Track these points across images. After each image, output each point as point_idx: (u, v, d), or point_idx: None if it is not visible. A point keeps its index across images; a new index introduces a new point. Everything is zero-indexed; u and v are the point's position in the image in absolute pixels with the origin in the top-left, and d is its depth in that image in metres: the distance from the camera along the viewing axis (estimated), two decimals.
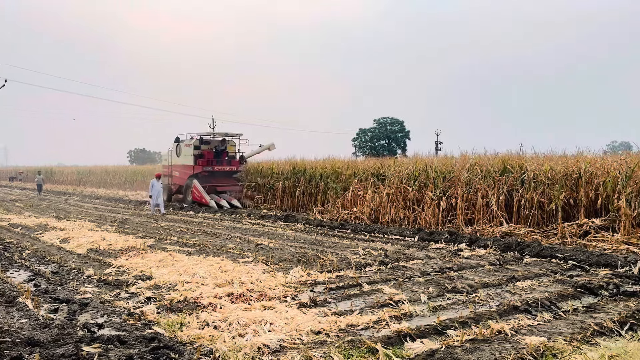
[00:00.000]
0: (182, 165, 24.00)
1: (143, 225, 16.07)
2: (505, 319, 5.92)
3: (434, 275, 8.43)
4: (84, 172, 50.28)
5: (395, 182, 15.94)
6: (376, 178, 17.01)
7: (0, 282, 7.80)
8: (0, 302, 6.63)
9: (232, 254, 10.30)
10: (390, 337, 5.19)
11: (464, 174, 14.50)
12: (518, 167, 14.06)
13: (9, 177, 67.19)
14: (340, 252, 10.50)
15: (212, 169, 23.08)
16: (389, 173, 16.65)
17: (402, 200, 15.59)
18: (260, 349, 4.87)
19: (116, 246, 11.34)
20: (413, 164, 16.47)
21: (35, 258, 10.15)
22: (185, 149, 23.85)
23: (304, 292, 7.25)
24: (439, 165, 15.67)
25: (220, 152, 23.96)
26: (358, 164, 19.69)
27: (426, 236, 12.75)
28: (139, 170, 41.87)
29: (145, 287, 7.55)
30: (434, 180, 15.04)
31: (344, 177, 18.47)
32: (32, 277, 8.41)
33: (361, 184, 17.29)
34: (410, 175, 15.85)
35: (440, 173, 15.17)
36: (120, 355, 4.65)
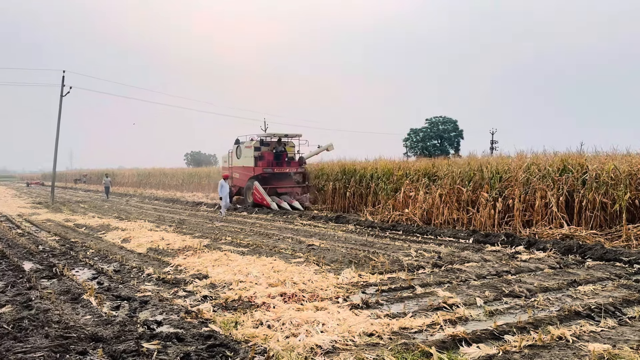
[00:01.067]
0: (242, 166, 24.15)
1: (199, 225, 16.55)
2: (566, 325, 5.69)
3: (490, 279, 8.21)
4: (143, 174, 52.35)
5: (448, 183, 15.63)
6: (428, 179, 16.76)
7: (66, 280, 8.25)
8: (66, 299, 6.99)
9: (284, 254, 10.42)
10: (444, 341, 5.10)
11: (521, 174, 14.02)
12: (579, 167, 13.46)
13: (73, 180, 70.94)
14: (392, 254, 10.40)
15: (272, 171, 22.98)
16: (441, 173, 16.35)
17: (456, 201, 15.26)
18: (313, 350, 4.90)
19: (174, 246, 11.74)
20: (467, 163, 16.10)
21: (99, 257, 10.65)
22: (245, 150, 23.97)
23: (356, 294, 7.24)
24: (494, 165, 15.23)
25: (280, 154, 23.82)
26: (409, 164, 19.45)
27: (481, 238, 12.42)
28: (195, 172, 43.13)
29: (201, 285, 7.77)
30: (490, 180, 14.63)
31: (395, 177, 18.30)
32: (96, 275, 8.83)
33: (413, 185, 17.07)
34: (465, 175, 15.49)
35: (496, 173, 14.74)
36: (178, 352, 4.80)
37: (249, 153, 23.52)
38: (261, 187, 22.25)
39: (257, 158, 23.27)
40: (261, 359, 4.70)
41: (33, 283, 7.86)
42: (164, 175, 46.90)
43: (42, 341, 4.99)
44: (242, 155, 24.17)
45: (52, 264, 9.60)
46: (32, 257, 10.55)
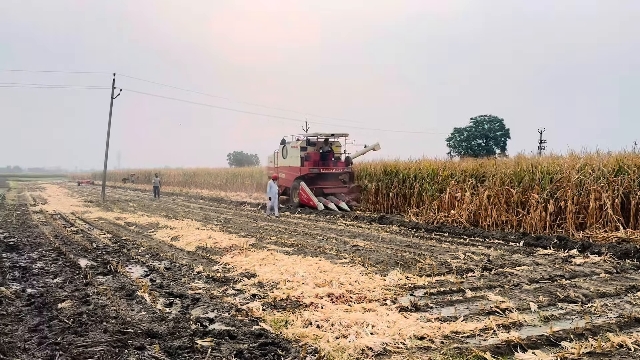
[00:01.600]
0: (288, 166, 23.97)
1: (244, 224, 16.79)
2: (626, 332, 5.46)
3: (543, 283, 7.95)
4: (188, 174, 53.60)
5: (496, 184, 15.25)
6: (475, 179, 16.40)
7: (121, 277, 8.53)
8: (122, 295, 7.23)
9: (329, 255, 10.43)
10: (499, 347, 4.97)
11: (574, 175, 13.52)
12: (635, 167, 12.85)
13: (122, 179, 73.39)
14: (439, 256, 10.23)
15: (318, 171, 22.70)
16: (489, 174, 15.96)
17: (505, 203, 14.87)
18: (363, 351, 4.88)
19: (221, 244, 11.95)
20: (516, 164, 15.66)
21: (150, 255, 10.97)
22: (291, 150, 23.79)
23: (404, 296, 7.16)
24: (545, 165, 14.74)
25: (326, 153, 23.50)
26: (455, 164, 19.08)
27: (532, 241, 12.05)
28: (238, 172, 43.81)
29: (250, 284, 7.88)
30: (540, 181, 14.18)
31: (440, 178, 17.99)
32: (148, 272, 9.09)
33: (459, 186, 16.74)
34: (514, 176, 15.07)
35: (547, 174, 14.27)
36: (231, 349, 4.88)
37: (295, 153, 23.37)
38: (307, 188, 22.07)
39: (304, 158, 23.06)
40: (312, 358, 4.71)
41: (89, 279, 8.17)
42: (208, 175, 47.85)
43: (101, 336, 5.17)
44: (288, 155, 24.05)
45: (106, 260, 9.96)
46: (87, 254, 10.98)
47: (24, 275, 8.61)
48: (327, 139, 23.81)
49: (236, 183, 40.82)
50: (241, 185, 39.57)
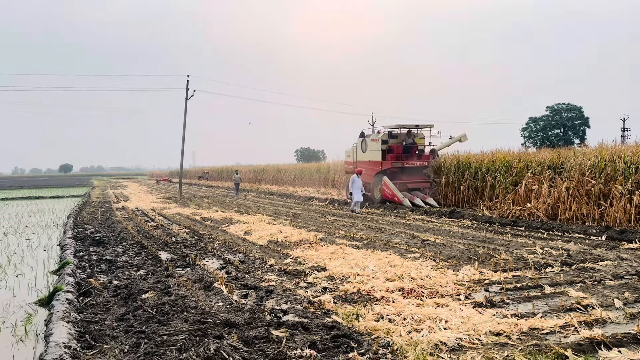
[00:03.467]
0: (368, 161, 22.80)
1: (313, 219, 17.03)
2: None
3: (628, 279, 7.49)
4: (258, 170, 54.97)
5: (575, 175, 14.47)
6: (553, 171, 15.64)
7: (199, 269, 8.94)
8: (200, 286, 7.59)
9: (399, 249, 10.36)
10: (581, 344, 4.75)
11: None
12: None
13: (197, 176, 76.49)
14: (515, 251, 9.88)
15: (401, 165, 21.52)
16: (568, 165, 15.17)
17: (585, 195, 14.08)
18: (437, 346, 4.83)
19: (291, 239, 12.20)
20: (597, 154, 14.77)
21: (225, 248, 11.40)
22: (371, 144, 22.67)
23: (478, 292, 7.00)
24: (629, 154, 13.79)
25: (409, 146, 22.12)
26: (531, 155, 18.26)
27: (616, 235, 11.34)
28: (305, 167, 44.37)
29: (320, 277, 8.01)
30: (624, 171, 13.30)
31: (515, 170, 17.31)
32: (224, 265, 9.46)
33: (535, 178, 16.04)
34: (594, 166, 14.24)
35: (632, 163, 13.36)
36: (305, 340, 5.00)
37: (376, 146, 22.17)
38: (391, 183, 20.80)
39: (385, 151, 21.85)
40: (385, 352, 4.73)
41: (170, 271, 8.64)
42: (277, 171, 48.83)
43: (182, 325, 5.47)
44: (368, 149, 22.91)
45: (184, 254, 10.47)
46: (166, 247, 11.59)
47: (110, 268, 9.25)
48: (410, 131, 22.54)
49: (304, 179, 41.35)
50: (309, 180, 40.04)
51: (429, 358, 4.46)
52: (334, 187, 34.49)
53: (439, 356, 4.56)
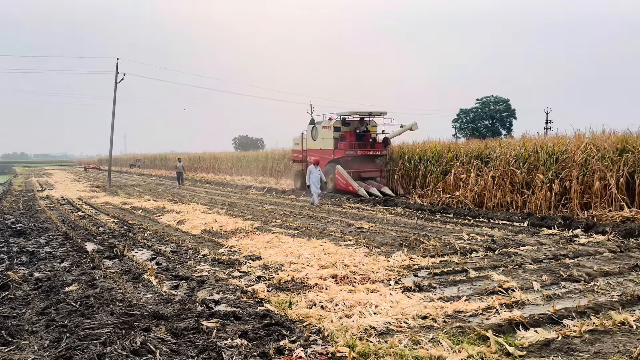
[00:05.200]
0: (319, 149, 21.74)
1: (249, 208, 16.87)
2: (628, 310, 5.50)
3: (547, 263, 7.98)
4: (194, 158, 53.70)
5: (501, 165, 15.21)
6: (480, 160, 16.35)
7: (127, 260, 8.63)
8: (128, 278, 7.33)
9: (334, 237, 10.49)
10: (501, 325, 5.02)
11: (579, 155, 13.46)
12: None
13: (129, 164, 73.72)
14: (443, 237, 10.27)
15: (355, 153, 20.60)
16: (494, 155, 15.91)
17: (509, 184, 14.85)
18: (367, 330, 4.94)
19: (227, 228, 12.04)
20: (521, 144, 15.59)
21: (156, 238, 11.07)
22: (323, 131, 21.68)
23: (408, 277, 7.22)
24: (550, 145, 14.67)
25: (362, 134, 21.32)
26: (460, 146, 19.00)
27: (537, 221, 12.05)
28: (243, 156, 43.86)
29: (255, 266, 7.96)
30: (545, 161, 14.13)
31: (445, 160, 17.95)
32: (154, 256, 9.19)
33: (464, 167, 16.71)
34: (519, 156, 15.02)
35: (552, 154, 14.22)
36: (236, 330, 4.95)
37: (328, 134, 21.28)
38: (345, 172, 19.89)
39: (338, 139, 21.01)
40: (316, 338, 4.78)
41: (96, 263, 8.28)
42: (214, 160, 47.95)
43: (108, 318, 5.26)
44: (319, 136, 21.91)
45: (112, 245, 10.06)
46: (93, 238, 11.09)
47: (32, 260, 8.73)
48: (363, 118, 21.71)
49: (242, 167, 40.90)
50: (247, 169, 39.65)
51: (359, 342, 4.54)
52: (272, 175, 34.37)
53: (368, 340, 4.66)
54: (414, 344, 4.58)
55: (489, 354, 4.32)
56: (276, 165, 35.08)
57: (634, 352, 4.28)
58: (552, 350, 4.47)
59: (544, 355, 4.37)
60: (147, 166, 67.66)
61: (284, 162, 34.25)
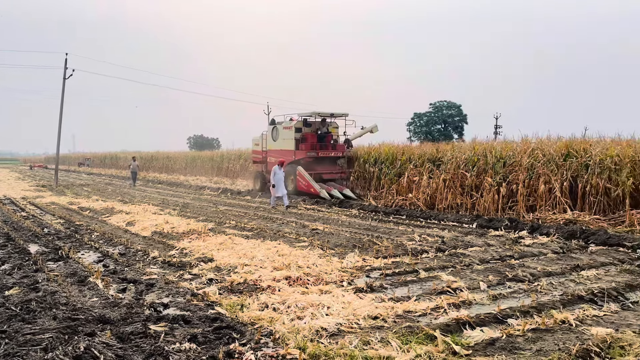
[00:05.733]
0: (279, 150, 21.47)
1: (203, 209, 16.61)
2: (569, 309, 5.73)
3: (493, 263, 8.25)
4: (146, 158, 52.40)
5: (452, 168, 15.62)
6: (432, 163, 16.73)
7: (72, 263, 8.31)
8: (73, 281, 7.06)
9: (289, 239, 10.47)
10: (448, 325, 5.14)
11: (526, 159, 13.99)
12: (583, 152, 13.41)
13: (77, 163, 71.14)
14: (396, 238, 10.44)
15: (316, 154, 20.43)
16: (445, 158, 16.33)
17: (460, 186, 15.26)
18: (318, 332, 4.95)
19: (179, 229, 11.80)
20: (471, 148, 16.06)
21: (104, 240, 10.72)
22: (284, 132, 21.42)
23: (360, 277, 7.29)
24: (498, 150, 15.19)
25: (324, 135, 21.17)
26: (413, 149, 19.39)
27: (485, 223, 12.44)
28: (198, 156, 43.17)
29: (207, 269, 7.83)
30: (494, 165, 14.61)
31: (399, 162, 18.27)
32: (101, 258, 8.89)
33: (416, 170, 17.06)
34: (468, 160, 15.47)
35: (500, 158, 14.72)
36: (185, 334, 4.86)
37: (289, 135, 21.05)
38: (306, 174, 19.69)
39: (299, 140, 20.77)
40: (267, 341, 4.76)
41: (39, 265, 7.93)
42: (167, 159, 46.99)
43: (50, 323, 5.05)
44: (280, 137, 21.65)
45: (57, 246, 9.67)
46: (37, 239, 10.63)
47: None
48: (324, 120, 21.61)
49: (196, 167, 40.26)
50: (201, 169, 39.06)
51: (310, 344, 4.55)
52: (228, 176, 33.99)
53: (319, 342, 4.68)
54: (364, 344, 4.63)
55: (436, 353, 4.42)
56: (232, 166, 34.74)
57: (573, 350, 4.48)
58: (497, 349, 4.62)
59: (488, 354, 4.51)
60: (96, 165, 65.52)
61: (240, 162, 33.97)
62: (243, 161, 33.79)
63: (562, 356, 4.38)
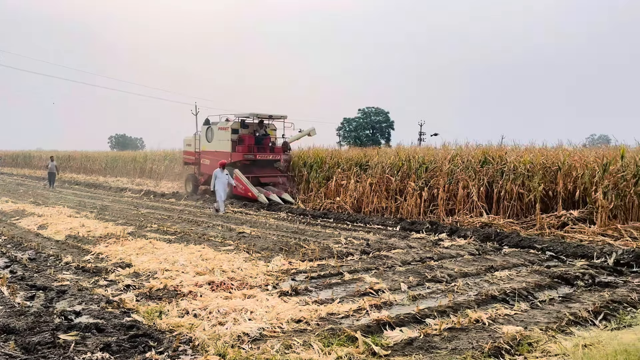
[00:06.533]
0: (214, 152, 20.64)
1: (123, 212, 15.90)
2: (483, 308, 6.01)
3: (414, 265, 8.51)
4: (63, 157, 49.39)
5: (378, 172, 15.99)
6: (359, 168, 17.05)
7: None
8: None
9: (214, 242, 10.25)
10: (369, 326, 5.24)
11: (446, 165, 14.61)
12: (498, 159, 14.22)
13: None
14: (323, 241, 10.52)
15: (254, 157, 19.83)
16: (372, 163, 16.70)
17: (385, 190, 15.66)
18: (240, 337, 4.87)
19: (95, 233, 11.21)
20: (396, 154, 16.55)
21: (12, 244, 9.98)
22: (219, 133, 20.56)
23: (286, 281, 7.27)
24: (421, 155, 15.76)
25: (262, 138, 20.66)
26: (341, 153, 19.68)
27: (408, 226, 12.84)
28: (119, 156, 41.28)
29: (124, 274, 7.49)
30: (417, 170, 15.13)
31: (327, 166, 18.46)
32: (9, 263, 8.26)
33: (344, 174, 17.32)
34: (393, 165, 15.92)
35: (423, 164, 15.27)
36: (97, 343, 4.60)
37: (225, 136, 20.27)
38: (244, 177, 18.87)
39: (236, 142, 20.04)
40: (186, 348, 4.61)
41: None
42: (86, 159, 44.53)
43: None
44: (215, 138, 20.78)
45: None
46: None
47: None
48: (262, 121, 20.94)
49: (117, 168, 38.46)
50: (123, 170, 37.37)
51: (230, 350, 4.46)
52: (152, 177, 32.77)
53: (240, 347, 4.60)
54: (286, 348, 4.60)
55: (357, 354, 4.48)
56: (156, 167, 33.52)
57: (485, 348, 4.70)
58: (415, 348, 4.76)
59: (407, 353, 4.63)
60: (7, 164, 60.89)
61: (165, 163, 32.88)
62: (168, 162, 32.74)
63: (475, 354, 4.59)
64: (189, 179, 22.84)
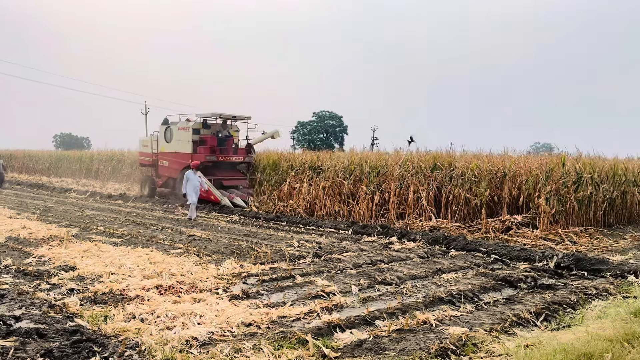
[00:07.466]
0: (174, 152, 19.82)
1: (67, 213, 15.30)
2: (430, 310, 6.17)
3: (365, 267, 8.63)
4: (5, 156, 46.98)
5: (331, 176, 16.12)
6: (313, 171, 17.12)
7: None
8: None
9: (163, 245, 10.04)
10: (320, 328, 5.27)
11: (397, 170, 14.90)
12: (447, 165, 14.64)
13: None
14: (275, 244, 10.49)
15: (216, 159, 19.14)
16: (325, 167, 16.81)
17: (338, 194, 15.79)
18: (188, 342, 4.79)
19: (37, 235, 10.74)
20: (349, 158, 16.73)
21: None
22: (179, 133, 19.72)
23: (236, 284, 7.21)
24: (373, 160, 16.01)
25: (225, 139, 19.97)
26: (295, 156, 19.69)
27: (359, 229, 13.00)
28: (64, 155, 39.67)
29: (68, 278, 7.22)
30: (369, 175, 15.35)
31: (281, 169, 18.44)
32: None
33: (298, 177, 17.34)
34: (346, 169, 16.08)
35: (375, 168, 15.51)
36: (38, 349, 4.42)
37: (185, 136, 19.43)
38: (206, 179, 17.61)
39: (197, 143, 19.28)
40: (132, 353, 4.50)
41: None
42: (28, 158, 42.54)
43: None
44: (175, 138, 19.90)
45: None
46: None
47: None
48: (225, 122, 20.29)
49: (61, 168, 36.94)
50: (67, 170, 35.93)
51: (178, 355, 4.39)
52: (98, 178, 31.69)
53: (188, 352, 4.53)
54: (235, 352, 4.57)
55: (307, 357, 4.50)
56: (103, 168, 32.46)
57: (432, 348, 4.83)
58: (364, 350, 4.83)
59: (356, 355, 4.70)
60: None
61: (112, 164, 31.91)
62: (116, 163, 31.80)
63: (422, 355, 4.71)
64: (146, 182, 21.86)
